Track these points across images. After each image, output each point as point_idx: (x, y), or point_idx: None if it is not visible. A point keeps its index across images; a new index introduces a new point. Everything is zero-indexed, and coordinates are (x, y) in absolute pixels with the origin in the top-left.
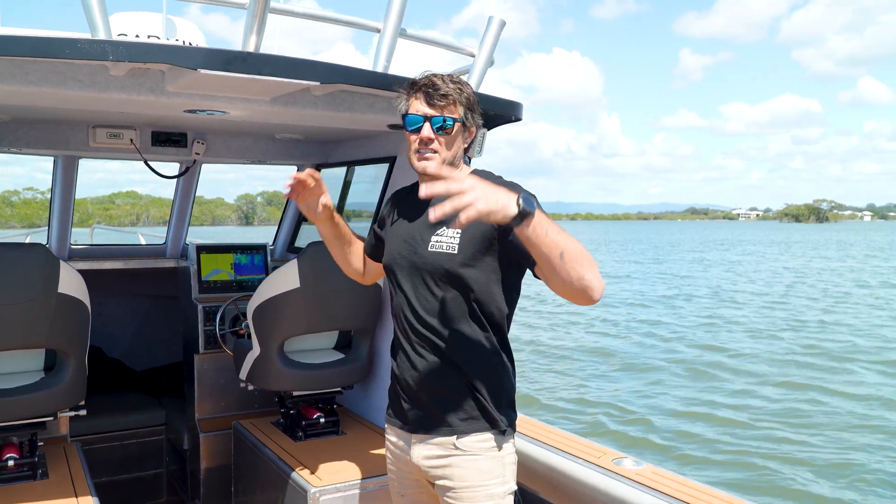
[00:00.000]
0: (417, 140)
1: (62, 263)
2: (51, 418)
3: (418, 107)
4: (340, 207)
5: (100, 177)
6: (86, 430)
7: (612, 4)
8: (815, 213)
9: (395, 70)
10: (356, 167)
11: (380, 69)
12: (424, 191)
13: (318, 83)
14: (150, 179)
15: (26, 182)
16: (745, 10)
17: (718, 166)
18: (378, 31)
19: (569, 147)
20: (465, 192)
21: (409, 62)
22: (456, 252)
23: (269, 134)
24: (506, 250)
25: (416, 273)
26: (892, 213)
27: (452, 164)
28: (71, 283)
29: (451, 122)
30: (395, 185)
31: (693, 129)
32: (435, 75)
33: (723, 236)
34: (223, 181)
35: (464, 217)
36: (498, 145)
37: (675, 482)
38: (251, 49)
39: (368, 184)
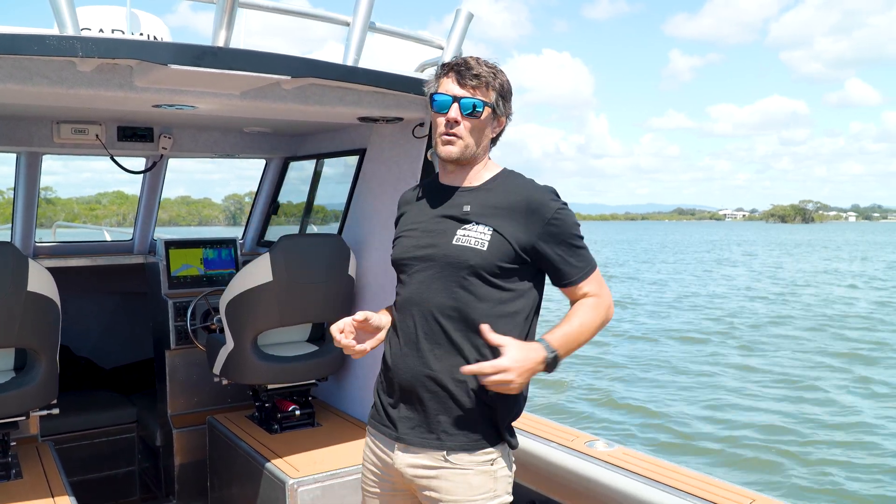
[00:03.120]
0: (444, 122)
1: (31, 262)
2: (23, 418)
3: (448, 86)
4: (310, 201)
5: (87, 176)
6: (56, 430)
7: (605, 5)
8: (801, 214)
9: (364, 63)
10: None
11: (349, 62)
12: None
13: (288, 77)
14: (137, 179)
15: (13, 182)
16: (735, 12)
17: (706, 167)
18: (347, 24)
19: (557, 148)
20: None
21: (379, 55)
22: (485, 249)
23: (237, 128)
24: (536, 261)
25: (434, 266)
26: (876, 214)
27: (476, 156)
28: (41, 281)
29: (482, 106)
30: (366, 178)
31: (681, 129)
32: (470, 57)
33: (720, 236)
34: (210, 181)
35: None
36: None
37: (646, 462)
38: (221, 44)
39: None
